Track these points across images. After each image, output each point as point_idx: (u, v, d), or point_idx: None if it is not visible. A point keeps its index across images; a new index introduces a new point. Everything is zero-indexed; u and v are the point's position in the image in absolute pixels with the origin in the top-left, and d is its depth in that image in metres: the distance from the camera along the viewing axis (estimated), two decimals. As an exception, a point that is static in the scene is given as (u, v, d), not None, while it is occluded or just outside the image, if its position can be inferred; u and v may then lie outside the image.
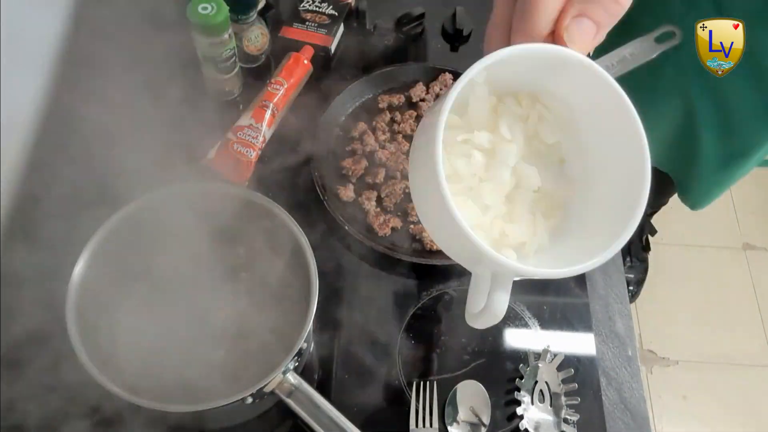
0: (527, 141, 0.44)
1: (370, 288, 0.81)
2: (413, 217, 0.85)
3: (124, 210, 0.68)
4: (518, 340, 0.79)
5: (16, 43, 0.82)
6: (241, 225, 0.73)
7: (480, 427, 0.72)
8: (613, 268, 0.84)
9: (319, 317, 0.77)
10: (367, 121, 0.93)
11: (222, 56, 0.85)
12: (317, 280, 0.65)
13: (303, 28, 0.99)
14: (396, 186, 0.86)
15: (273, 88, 0.90)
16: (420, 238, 0.83)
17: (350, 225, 0.82)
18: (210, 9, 0.80)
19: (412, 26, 1.02)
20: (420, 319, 0.79)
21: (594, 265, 0.39)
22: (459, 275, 0.82)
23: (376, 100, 0.95)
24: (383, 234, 0.83)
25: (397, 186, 0.86)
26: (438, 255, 0.82)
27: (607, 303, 0.82)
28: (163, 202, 0.70)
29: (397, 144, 0.90)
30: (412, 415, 0.71)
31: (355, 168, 0.88)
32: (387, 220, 0.83)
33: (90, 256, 0.65)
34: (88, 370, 0.58)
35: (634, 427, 0.74)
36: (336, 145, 0.91)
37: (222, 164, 0.86)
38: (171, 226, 0.73)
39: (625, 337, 0.80)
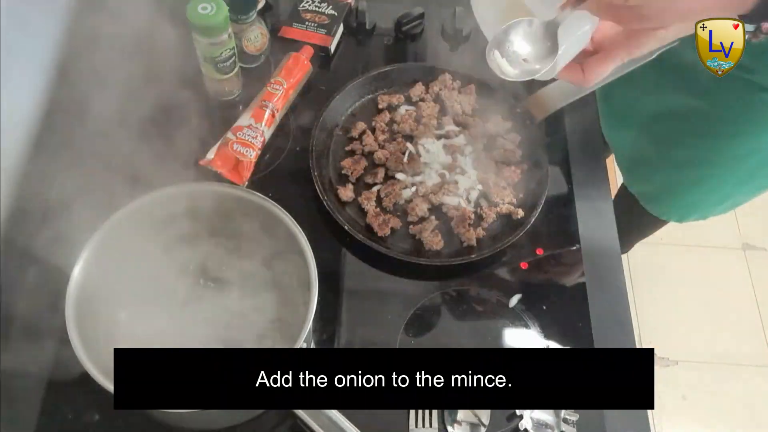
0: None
1: (370, 288, 0.82)
2: (413, 217, 0.85)
3: (124, 210, 0.68)
4: (518, 340, 0.79)
5: (16, 43, 0.82)
6: (240, 225, 0.73)
7: (480, 427, 0.72)
8: (613, 268, 0.84)
9: (319, 317, 0.77)
10: (367, 121, 0.93)
11: (221, 56, 0.85)
12: (317, 281, 0.65)
13: (302, 28, 0.99)
14: (395, 186, 0.86)
15: (272, 88, 0.90)
16: (419, 239, 0.83)
17: (350, 225, 0.82)
18: (210, 9, 0.80)
19: (412, 26, 1.02)
20: (420, 319, 0.79)
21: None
22: (459, 275, 0.82)
23: (376, 100, 0.95)
24: (383, 234, 0.83)
25: (396, 186, 0.86)
26: (437, 255, 0.82)
27: (606, 302, 0.82)
28: (163, 202, 0.71)
29: (396, 144, 0.90)
30: (411, 415, 0.72)
31: (354, 168, 0.88)
32: (386, 220, 0.83)
33: (90, 256, 0.65)
34: (88, 369, 0.58)
35: (633, 427, 0.74)
36: (335, 145, 0.91)
37: (222, 164, 0.86)
38: (171, 226, 0.73)
39: (625, 336, 0.80)
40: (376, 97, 0.95)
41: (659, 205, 1.09)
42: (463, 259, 0.81)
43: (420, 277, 0.82)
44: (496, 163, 0.90)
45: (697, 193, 1.02)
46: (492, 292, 0.81)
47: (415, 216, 0.85)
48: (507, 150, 0.90)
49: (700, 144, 0.94)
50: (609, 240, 0.86)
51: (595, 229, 0.87)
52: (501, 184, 0.87)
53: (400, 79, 0.96)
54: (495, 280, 0.82)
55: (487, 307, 0.81)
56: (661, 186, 1.06)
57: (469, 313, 0.80)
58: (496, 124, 0.92)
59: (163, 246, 0.74)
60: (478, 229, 0.84)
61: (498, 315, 0.80)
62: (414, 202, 0.85)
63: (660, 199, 1.08)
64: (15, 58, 0.81)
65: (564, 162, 0.92)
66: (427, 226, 0.83)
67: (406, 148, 0.90)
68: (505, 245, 0.81)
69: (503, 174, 0.88)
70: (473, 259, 0.80)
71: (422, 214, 0.85)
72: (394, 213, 0.86)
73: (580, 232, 0.86)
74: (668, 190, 1.05)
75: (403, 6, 1.02)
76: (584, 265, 0.84)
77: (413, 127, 0.92)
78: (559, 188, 0.89)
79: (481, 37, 0.70)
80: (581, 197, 0.89)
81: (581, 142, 0.94)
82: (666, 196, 1.07)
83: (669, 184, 1.04)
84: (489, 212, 0.85)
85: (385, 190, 0.86)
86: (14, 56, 0.81)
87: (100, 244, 0.66)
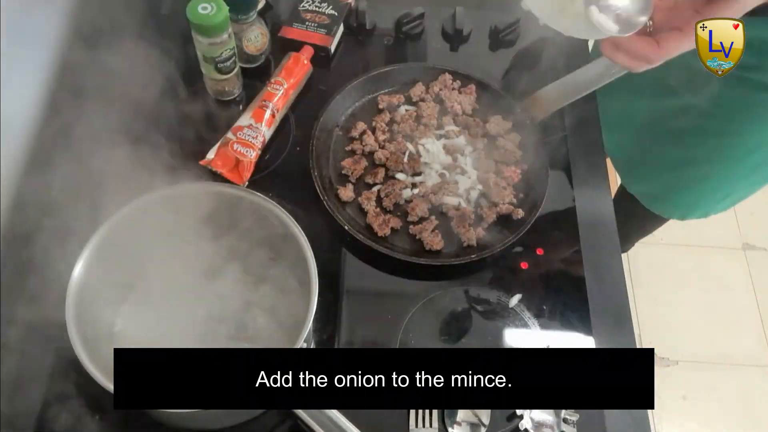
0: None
1: (370, 288, 0.82)
2: (413, 218, 0.85)
3: (123, 210, 0.68)
4: (518, 340, 0.79)
5: (16, 43, 0.82)
6: (240, 225, 0.73)
7: (480, 427, 0.72)
8: (612, 268, 0.84)
9: (319, 317, 0.77)
10: (367, 121, 0.93)
11: (221, 56, 0.85)
12: (317, 281, 0.65)
13: (303, 28, 0.99)
14: (395, 186, 0.86)
15: (273, 88, 0.90)
16: (419, 239, 0.83)
17: (350, 225, 0.82)
18: (210, 9, 0.80)
19: (412, 26, 1.02)
20: (420, 319, 0.79)
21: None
22: (459, 275, 0.82)
23: (376, 100, 0.95)
24: (383, 234, 0.83)
25: (396, 186, 0.86)
26: (437, 255, 0.82)
27: (606, 303, 0.82)
28: (163, 202, 0.70)
29: (396, 144, 0.90)
30: (411, 415, 0.72)
31: (354, 168, 0.88)
32: (387, 220, 0.83)
33: (90, 256, 0.65)
34: (88, 369, 0.58)
35: (633, 427, 0.74)
36: (336, 145, 0.91)
37: (222, 164, 0.86)
38: (171, 226, 0.73)
39: (625, 336, 0.80)
40: (376, 97, 0.95)
41: (660, 204, 1.09)
42: (463, 259, 0.81)
43: (420, 277, 0.82)
44: (496, 163, 0.90)
45: (697, 192, 1.02)
46: (492, 292, 0.81)
47: (415, 216, 0.85)
48: (507, 150, 0.90)
49: (698, 143, 0.95)
50: (609, 239, 0.86)
51: (595, 229, 0.87)
52: (501, 184, 0.87)
53: (401, 79, 0.96)
54: (495, 280, 0.82)
55: (487, 307, 0.81)
56: (660, 186, 1.06)
57: (469, 313, 0.80)
58: (496, 124, 0.92)
59: (163, 246, 0.74)
60: (478, 229, 0.84)
61: (498, 315, 0.80)
62: (414, 202, 0.85)
63: (660, 198, 1.08)
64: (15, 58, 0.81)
65: (564, 161, 0.92)
66: (427, 226, 0.83)
67: (407, 148, 0.90)
68: (505, 245, 0.81)
69: (503, 174, 0.88)
70: (473, 259, 0.80)
71: (422, 214, 0.85)
72: (395, 213, 0.86)
73: (580, 232, 0.86)
74: (668, 189, 1.05)
75: (403, 6, 1.02)
76: (584, 265, 0.84)
77: (413, 127, 0.92)
78: (559, 188, 0.89)
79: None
80: (581, 197, 0.89)
81: (581, 141, 0.94)
82: (666, 195, 1.07)
83: (669, 184, 1.04)
84: (489, 212, 0.85)
85: (385, 190, 0.86)
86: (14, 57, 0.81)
87: (100, 244, 0.66)
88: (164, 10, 1.02)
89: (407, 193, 0.87)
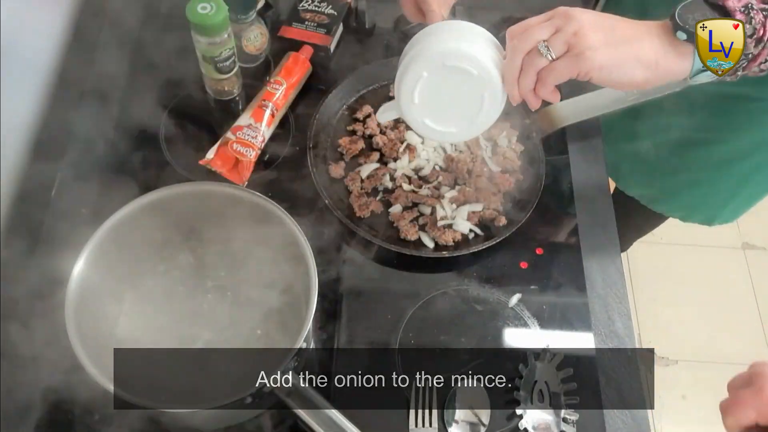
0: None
1: (370, 288, 0.81)
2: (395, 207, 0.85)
3: (123, 210, 0.68)
4: (518, 340, 0.79)
5: (17, 45, 0.82)
6: (240, 225, 0.73)
7: (479, 427, 0.72)
8: (612, 268, 0.84)
9: (319, 317, 0.77)
10: (375, 105, 0.93)
11: (221, 56, 0.85)
12: (317, 281, 0.65)
13: (302, 27, 0.99)
14: (379, 171, 0.87)
15: (272, 87, 0.90)
16: (396, 226, 0.84)
17: (331, 200, 0.82)
18: (209, 9, 0.80)
19: (412, 26, 1.01)
20: (420, 318, 0.79)
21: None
22: (459, 276, 0.82)
23: (388, 88, 0.96)
24: (361, 215, 0.84)
25: (379, 171, 0.87)
26: (410, 245, 0.82)
27: (606, 302, 0.82)
28: (163, 202, 0.70)
29: (398, 132, 0.91)
30: (411, 415, 0.71)
31: (350, 147, 0.89)
32: (368, 202, 0.84)
33: (90, 256, 0.65)
34: (88, 369, 0.58)
35: (633, 427, 0.74)
36: (338, 123, 0.92)
37: (222, 164, 0.86)
38: (171, 225, 0.73)
39: (625, 336, 0.80)
40: (387, 85, 0.96)
41: (660, 204, 1.09)
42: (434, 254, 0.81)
43: (420, 276, 0.82)
44: (492, 169, 0.89)
45: (692, 197, 1.03)
46: (492, 292, 0.81)
47: (397, 205, 0.85)
48: (506, 158, 0.90)
49: (684, 151, 0.96)
50: (609, 239, 0.86)
51: (595, 229, 0.87)
52: (492, 190, 0.87)
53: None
54: (494, 280, 0.82)
55: (487, 307, 0.81)
56: (660, 189, 1.06)
57: (469, 312, 0.80)
58: (500, 128, 0.92)
59: (163, 246, 0.74)
60: (456, 233, 0.83)
61: (498, 315, 0.80)
62: (396, 193, 0.86)
63: (660, 200, 1.09)
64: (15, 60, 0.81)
65: (564, 160, 0.92)
66: (407, 215, 0.84)
67: (405, 139, 0.90)
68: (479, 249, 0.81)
69: (496, 180, 0.88)
70: (444, 256, 0.81)
71: (404, 204, 0.85)
72: (382, 199, 0.86)
73: (579, 232, 0.86)
74: (667, 192, 1.06)
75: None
76: (584, 265, 0.84)
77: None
78: (559, 188, 0.89)
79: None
80: (581, 196, 0.89)
81: (581, 140, 0.94)
82: (666, 197, 1.07)
83: (667, 187, 1.05)
84: (472, 216, 0.85)
85: (367, 172, 0.87)
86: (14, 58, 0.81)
87: (100, 244, 0.66)
88: (164, 10, 1.02)
89: (387, 180, 0.87)
